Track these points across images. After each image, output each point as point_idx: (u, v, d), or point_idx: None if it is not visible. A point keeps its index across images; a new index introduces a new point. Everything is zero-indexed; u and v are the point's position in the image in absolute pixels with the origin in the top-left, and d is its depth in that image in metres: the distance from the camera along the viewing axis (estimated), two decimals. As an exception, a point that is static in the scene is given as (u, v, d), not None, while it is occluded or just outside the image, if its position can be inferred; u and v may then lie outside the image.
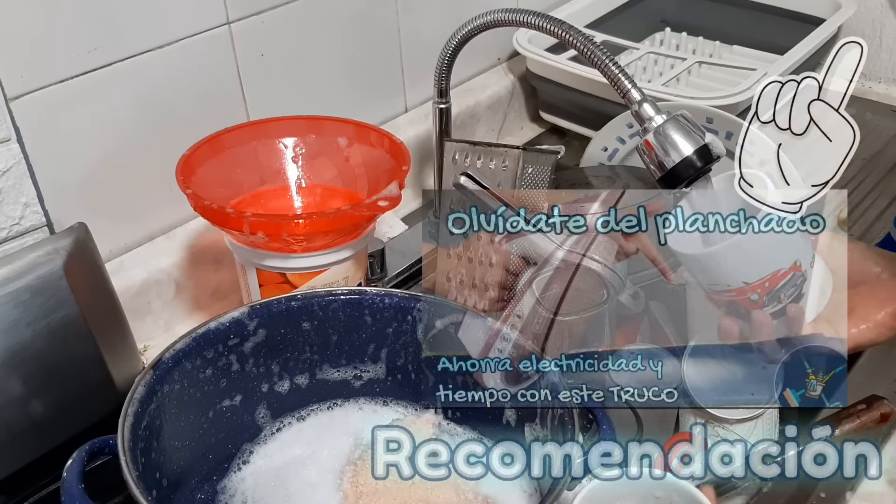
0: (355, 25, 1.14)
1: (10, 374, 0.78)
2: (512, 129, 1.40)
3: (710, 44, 1.44)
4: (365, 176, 0.97)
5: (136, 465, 0.63)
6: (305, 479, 0.73)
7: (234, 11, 0.99)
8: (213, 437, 0.76)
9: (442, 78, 1.07)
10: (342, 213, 0.86)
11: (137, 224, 1.00)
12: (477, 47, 1.08)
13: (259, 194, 0.97)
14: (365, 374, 0.81)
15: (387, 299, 0.78)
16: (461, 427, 0.79)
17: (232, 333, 0.75)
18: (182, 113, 0.98)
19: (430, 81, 1.07)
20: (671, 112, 0.86)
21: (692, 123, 0.85)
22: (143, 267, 0.98)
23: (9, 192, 0.84)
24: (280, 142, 0.98)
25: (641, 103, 0.86)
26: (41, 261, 0.79)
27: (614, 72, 0.86)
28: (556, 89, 1.29)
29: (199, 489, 0.75)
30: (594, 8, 1.38)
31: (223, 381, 0.76)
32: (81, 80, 0.89)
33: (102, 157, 0.93)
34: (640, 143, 0.86)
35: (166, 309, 1.00)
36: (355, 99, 1.18)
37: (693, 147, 0.83)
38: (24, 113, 0.85)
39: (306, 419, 0.80)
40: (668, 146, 0.82)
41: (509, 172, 1.03)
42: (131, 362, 0.89)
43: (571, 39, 0.89)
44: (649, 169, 0.85)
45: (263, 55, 1.04)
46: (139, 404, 0.67)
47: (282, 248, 0.87)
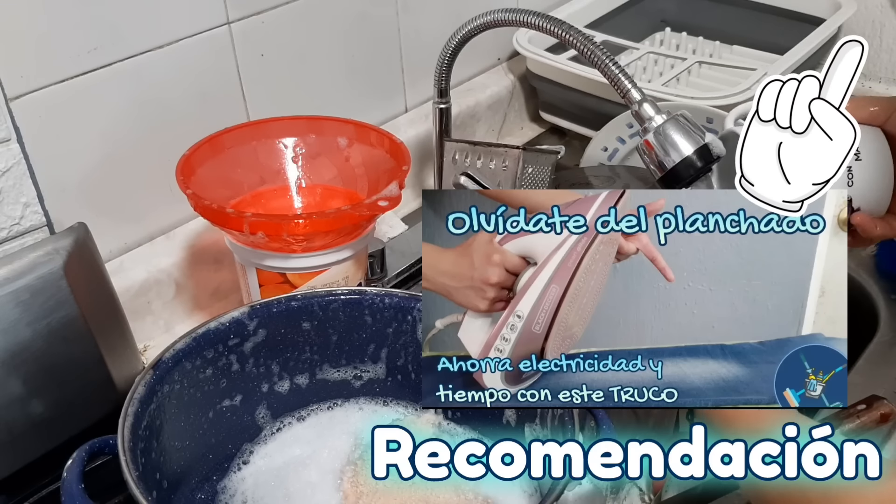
0: (355, 25, 1.14)
1: (10, 374, 0.78)
2: (512, 129, 1.40)
3: (710, 44, 1.44)
4: (365, 176, 0.97)
5: (136, 465, 0.63)
6: (305, 479, 0.73)
7: (234, 11, 0.99)
8: (213, 437, 0.76)
9: (442, 78, 1.07)
10: (342, 213, 0.86)
11: (137, 224, 1.00)
12: (477, 47, 1.08)
13: (259, 194, 0.97)
14: (365, 374, 0.81)
15: (387, 299, 0.78)
16: (461, 427, 0.79)
17: (232, 333, 0.75)
18: (182, 113, 0.98)
19: (430, 81, 1.07)
20: (671, 112, 0.86)
21: (692, 123, 0.85)
22: (143, 267, 0.98)
23: (9, 192, 0.84)
24: (280, 142, 0.98)
25: (641, 103, 0.86)
26: (41, 261, 0.79)
27: (614, 72, 0.86)
28: (556, 89, 1.30)
29: (199, 489, 0.75)
30: (594, 8, 1.38)
31: (223, 381, 0.76)
32: (81, 80, 0.89)
33: (102, 157, 0.93)
34: (641, 143, 0.86)
35: (166, 309, 1.00)
36: (355, 99, 1.18)
37: (693, 147, 0.83)
38: (24, 113, 0.85)
39: (306, 419, 0.80)
40: (668, 146, 0.82)
41: (509, 172, 1.04)
42: (131, 362, 0.89)
43: (571, 39, 0.89)
44: (649, 169, 0.85)
45: (263, 55, 1.04)
46: (139, 404, 0.67)
47: (282, 248, 0.87)
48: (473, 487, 0.68)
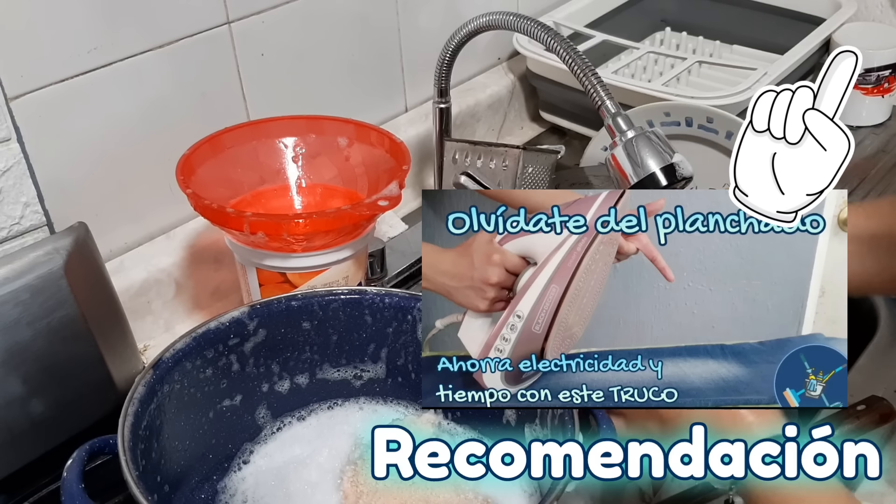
0: (355, 25, 1.14)
1: (9, 373, 0.78)
2: (512, 128, 1.40)
3: (710, 43, 1.44)
4: (365, 175, 0.97)
5: (137, 465, 0.63)
6: (305, 478, 0.73)
7: (234, 11, 0.99)
8: (213, 437, 0.76)
9: (442, 77, 1.07)
10: (342, 213, 0.86)
11: (137, 224, 1.00)
12: (477, 47, 1.08)
13: (259, 194, 0.97)
14: (365, 374, 0.81)
15: (387, 299, 0.78)
16: (461, 427, 0.79)
17: (232, 333, 0.75)
18: (182, 112, 0.98)
19: (430, 81, 1.07)
20: (643, 129, 0.87)
21: (662, 141, 0.86)
22: (143, 266, 0.98)
23: (9, 192, 0.84)
24: (280, 141, 0.98)
25: (615, 117, 0.87)
26: (41, 260, 0.79)
27: (592, 82, 0.87)
28: (556, 89, 1.30)
29: (199, 489, 0.75)
30: (594, 7, 1.38)
31: (223, 380, 0.76)
32: (81, 80, 0.89)
33: (102, 157, 0.93)
34: (608, 157, 0.87)
35: (166, 309, 1.00)
36: (355, 99, 1.18)
37: (660, 164, 0.84)
38: (25, 113, 0.85)
39: (306, 419, 0.80)
40: (635, 161, 0.83)
41: (509, 172, 1.04)
42: (131, 362, 0.89)
43: (556, 47, 0.90)
44: (615, 181, 0.86)
45: (263, 55, 1.04)
46: (139, 404, 0.67)
47: (282, 247, 0.87)
48: (473, 487, 0.68)
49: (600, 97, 0.87)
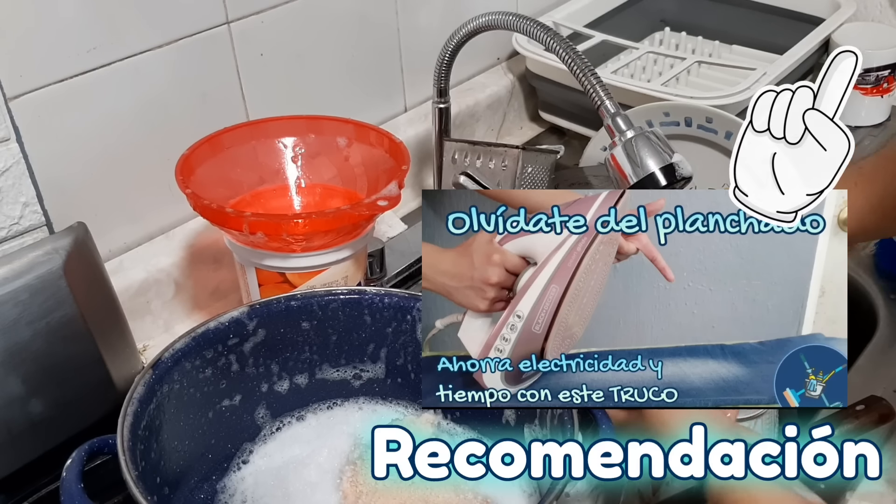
0: (355, 25, 1.14)
1: (9, 373, 0.78)
2: (511, 128, 1.40)
3: (710, 43, 1.44)
4: (364, 176, 0.97)
5: (136, 465, 0.63)
6: (305, 478, 0.73)
7: (233, 11, 0.99)
8: (212, 437, 0.76)
9: (441, 78, 1.07)
10: (342, 213, 0.86)
11: (137, 224, 1.00)
12: (477, 47, 1.08)
13: (258, 194, 0.97)
14: (364, 374, 0.81)
15: (386, 299, 0.78)
16: (461, 427, 0.79)
17: (231, 333, 0.75)
18: (181, 112, 0.98)
19: (429, 81, 1.07)
20: (643, 129, 0.87)
21: (662, 141, 0.86)
22: (142, 267, 0.98)
23: (8, 192, 0.84)
24: (279, 141, 0.98)
25: (615, 116, 0.87)
26: (40, 260, 0.79)
27: (591, 82, 0.87)
28: (556, 89, 1.30)
29: (198, 489, 0.75)
30: (594, 7, 1.38)
31: (223, 380, 0.76)
32: (81, 80, 0.89)
33: (102, 157, 0.93)
34: (607, 157, 0.87)
35: (166, 309, 1.00)
36: (355, 99, 1.18)
37: (659, 164, 0.84)
38: (24, 112, 0.85)
39: (306, 419, 0.80)
40: (634, 161, 0.84)
41: (509, 172, 1.04)
42: (131, 362, 0.89)
43: (556, 47, 0.90)
44: (614, 181, 0.86)
45: (263, 55, 1.04)
46: (139, 404, 0.67)
47: (281, 247, 0.87)
48: (473, 487, 0.68)
49: (599, 97, 0.87)
